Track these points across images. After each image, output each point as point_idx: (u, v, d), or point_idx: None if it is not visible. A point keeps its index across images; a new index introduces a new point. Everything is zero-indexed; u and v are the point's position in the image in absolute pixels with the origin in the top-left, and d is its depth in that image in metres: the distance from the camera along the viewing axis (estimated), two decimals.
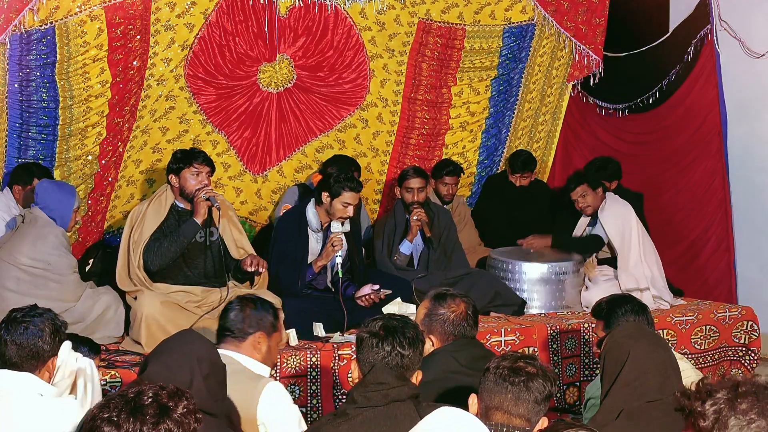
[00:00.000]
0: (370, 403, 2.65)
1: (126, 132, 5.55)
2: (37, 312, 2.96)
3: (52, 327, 2.92)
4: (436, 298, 3.32)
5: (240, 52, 5.72)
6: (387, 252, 5.72)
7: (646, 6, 6.95)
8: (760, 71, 6.33)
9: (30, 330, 2.87)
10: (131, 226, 4.80)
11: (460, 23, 6.24)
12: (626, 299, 3.80)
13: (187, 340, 2.79)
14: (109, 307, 4.76)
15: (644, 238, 5.88)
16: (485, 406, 2.49)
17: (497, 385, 2.47)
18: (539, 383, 2.47)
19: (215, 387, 2.71)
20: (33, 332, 2.87)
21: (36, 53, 4.96)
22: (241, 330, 3.32)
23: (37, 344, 2.86)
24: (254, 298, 3.49)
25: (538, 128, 7.01)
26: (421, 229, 5.70)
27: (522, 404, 2.45)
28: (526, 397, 2.45)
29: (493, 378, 2.49)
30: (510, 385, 2.45)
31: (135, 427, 1.88)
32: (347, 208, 5.06)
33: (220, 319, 3.41)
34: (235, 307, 3.38)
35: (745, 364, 5.69)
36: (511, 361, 2.52)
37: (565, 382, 5.17)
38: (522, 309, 5.55)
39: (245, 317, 3.33)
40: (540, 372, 2.50)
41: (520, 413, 2.45)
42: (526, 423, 2.45)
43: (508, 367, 2.49)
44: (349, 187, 5.04)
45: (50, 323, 2.92)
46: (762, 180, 6.43)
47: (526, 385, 2.45)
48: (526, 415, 2.45)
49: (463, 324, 3.25)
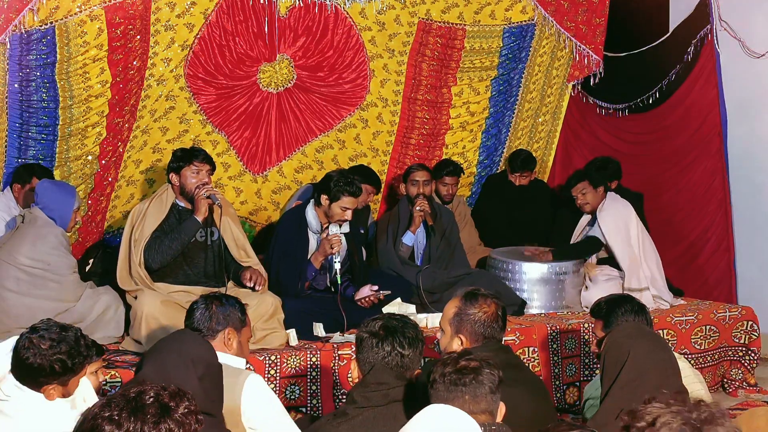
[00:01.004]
0: (370, 404, 2.65)
1: (126, 132, 5.55)
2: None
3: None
4: (467, 297, 3.25)
5: (240, 52, 5.72)
6: (392, 244, 5.74)
7: (646, 6, 6.95)
8: (760, 71, 6.33)
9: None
10: (132, 224, 4.80)
11: (460, 23, 6.24)
12: (625, 299, 3.80)
13: (183, 341, 2.79)
14: (109, 307, 4.76)
15: (644, 237, 5.88)
16: None
17: (451, 392, 2.47)
18: (486, 373, 2.49)
19: (211, 387, 2.70)
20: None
21: (36, 53, 4.96)
22: (209, 328, 3.31)
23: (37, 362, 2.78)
24: (219, 295, 3.46)
25: (538, 128, 7.01)
26: (424, 220, 5.73)
27: (481, 399, 2.46)
28: (482, 391, 2.46)
29: (444, 387, 2.49)
30: (463, 387, 2.47)
31: (136, 426, 1.88)
32: (345, 212, 5.04)
33: (186, 319, 3.39)
34: (201, 306, 3.36)
35: (745, 364, 5.68)
36: (453, 365, 2.52)
37: (565, 382, 5.17)
38: (522, 309, 5.55)
39: (212, 315, 3.31)
40: (482, 363, 2.52)
41: (482, 409, 2.46)
42: (489, 416, 2.47)
43: (453, 371, 2.49)
44: (349, 192, 5.02)
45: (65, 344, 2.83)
46: (762, 180, 6.43)
47: (477, 380, 2.47)
48: (487, 409, 2.47)
49: (494, 325, 3.21)
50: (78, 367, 2.83)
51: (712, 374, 5.64)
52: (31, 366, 2.75)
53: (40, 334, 2.78)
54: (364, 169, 6.12)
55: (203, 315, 3.32)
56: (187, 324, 3.35)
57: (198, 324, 3.31)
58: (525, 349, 5.09)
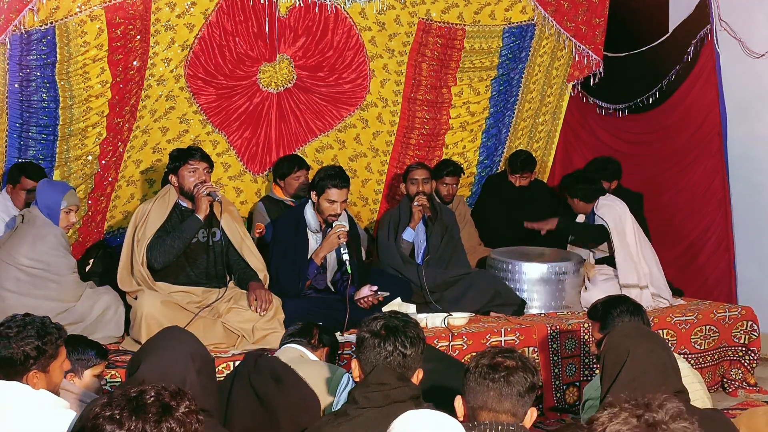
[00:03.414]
0: (371, 404, 2.65)
1: (126, 132, 5.55)
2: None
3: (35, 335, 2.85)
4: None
5: (240, 52, 5.72)
6: (393, 242, 5.74)
7: (646, 6, 6.95)
8: (760, 71, 6.33)
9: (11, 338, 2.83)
10: (135, 224, 4.80)
11: (460, 23, 6.24)
12: (621, 300, 3.81)
13: (177, 338, 2.79)
14: (109, 307, 4.76)
15: (640, 235, 5.89)
16: (471, 407, 2.49)
17: (479, 384, 2.47)
18: (519, 376, 2.47)
19: (207, 381, 2.71)
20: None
21: (36, 53, 4.96)
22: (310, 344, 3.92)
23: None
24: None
25: (538, 128, 7.01)
26: (423, 216, 5.74)
27: (506, 400, 2.45)
28: (508, 392, 2.45)
29: (474, 378, 2.49)
30: (491, 383, 2.46)
31: (137, 425, 1.88)
32: (333, 205, 5.03)
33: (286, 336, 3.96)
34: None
35: (745, 364, 5.68)
36: (489, 358, 2.51)
37: (565, 382, 5.17)
38: (522, 309, 5.55)
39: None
40: (520, 364, 2.50)
41: (506, 409, 2.45)
42: (512, 418, 2.46)
43: (487, 365, 2.49)
44: (332, 184, 5.02)
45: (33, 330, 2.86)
46: (762, 180, 6.43)
47: (507, 380, 2.45)
48: (511, 410, 2.45)
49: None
50: (51, 347, 2.85)
51: (712, 374, 5.64)
52: (5, 359, 2.79)
53: (6, 325, 2.85)
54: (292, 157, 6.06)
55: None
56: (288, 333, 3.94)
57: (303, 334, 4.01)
58: (525, 349, 5.09)
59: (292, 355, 3.78)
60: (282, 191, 5.93)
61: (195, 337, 2.90)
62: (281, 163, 5.97)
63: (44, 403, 2.77)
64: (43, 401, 2.77)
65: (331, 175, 5.05)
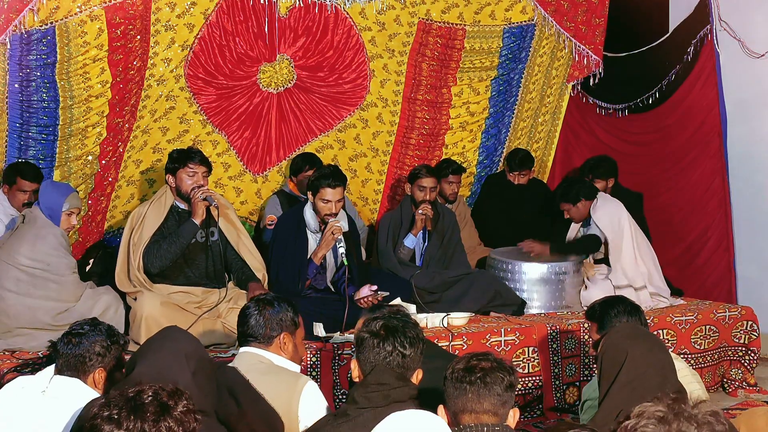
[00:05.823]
0: (370, 404, 2.65)
1: (126, 132, 5.56)
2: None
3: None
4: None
5: (240, 53, 5.73)
6: (392, 244, 5.74)
7: (646, 6, 6.95)
8: (760, 71, 6.33)
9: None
10: (131, 228, 4.80)
11: (460, 23, 6.24)
12: (619, 300, 3.81)
13: (173, 338, 2.79)
14: (109, 307, 4.75)
15: (638, 235, 5.88)
16: (452, 412, 2.51)
17: (456, 389, 2.49)
18: (496, 376, 2.48)
19: (204, 382, 2.71)
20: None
21: (36, 53, 4.97)
22: (264, 335, 3.27)
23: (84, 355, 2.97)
24: (269, 298, 3.38)
25: (537, 128, 7.01)
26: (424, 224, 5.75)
27: (485, 400, 2.46)
28: (486, 392, 2.46)
29: (451, 383, 2.51)
30: (468, 385, 2.47)
31: (135, 425, 1.88)
32: (328, 204, 5.03)
33: (240, 325, 3.33)
34: (254, 312, 3.29)
35: (745, 364, 5.68)
36: (464, 363, 2.53)
37: (564, 382, 5.17)
38: (522, 309, 5.55)
39: (266, 321, 3.26)
40: (495, 365, 2.51)
41: (486, 409, 2.46)
42: (495, 417, 2.47)
43: (463, 369, 2.51)
44: (326, 184, 5.01)
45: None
46: (762, 180, 6.42)
47: (484, 381, 2.47)
48: (492, 410, 2.46)
49: None
50: (116, 349, 3.04)
51: (712, 374, 5.64)
52: (77, 356, 2.95)
53: (77, 331, 3.02)
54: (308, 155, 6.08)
55: (257, 321, 3.26)
56: (241, 330, 3.31)
57: (253, 331, 3.26)
58: (525, 349, 5.10)
59: (250, 361, 3.26)
60: (296, 187, 5.97)
61: (193, 337, 2.89)
62: (296, 160, 6.04)
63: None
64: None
65: (325, 175, 5.05)
